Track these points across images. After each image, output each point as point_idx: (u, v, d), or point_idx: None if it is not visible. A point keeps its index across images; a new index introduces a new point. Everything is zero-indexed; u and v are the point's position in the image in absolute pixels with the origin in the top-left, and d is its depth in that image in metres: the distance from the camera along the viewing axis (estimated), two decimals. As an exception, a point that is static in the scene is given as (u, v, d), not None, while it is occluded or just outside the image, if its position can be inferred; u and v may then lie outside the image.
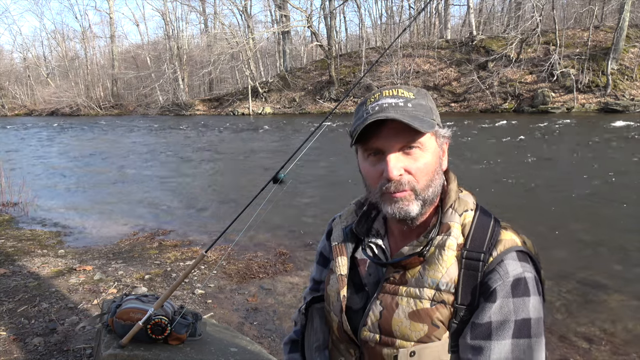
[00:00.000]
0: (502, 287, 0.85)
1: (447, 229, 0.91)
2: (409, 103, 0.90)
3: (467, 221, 0.93)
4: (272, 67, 39.05)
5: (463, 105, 24.12)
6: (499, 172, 8.91)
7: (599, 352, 2.94)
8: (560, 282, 3.94)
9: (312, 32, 32.03)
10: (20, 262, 4.33)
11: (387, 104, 0.89)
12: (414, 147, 0.89)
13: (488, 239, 0.90)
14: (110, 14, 45.99)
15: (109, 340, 1.90)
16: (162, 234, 5.66)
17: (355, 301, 0.99)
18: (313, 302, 1.12)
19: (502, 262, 0.87)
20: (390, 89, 0.93)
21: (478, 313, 0.86)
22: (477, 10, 31.61)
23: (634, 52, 21.88)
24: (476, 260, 0.88)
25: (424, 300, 0.89)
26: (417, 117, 0.88)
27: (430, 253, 0.91)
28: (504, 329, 0.84)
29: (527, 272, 0.87)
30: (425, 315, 0.89)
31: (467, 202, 0.96)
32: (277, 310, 3.52)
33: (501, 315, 0.85)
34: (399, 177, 0.89)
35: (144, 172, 10.72)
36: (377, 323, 0.93)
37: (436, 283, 0.89)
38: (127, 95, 43.01)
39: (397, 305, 0.91)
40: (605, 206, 6.35)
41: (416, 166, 0.90)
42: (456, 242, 0.90)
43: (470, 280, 0.88)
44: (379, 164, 0.91)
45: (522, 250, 0.89)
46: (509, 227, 0.94)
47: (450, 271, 0.88)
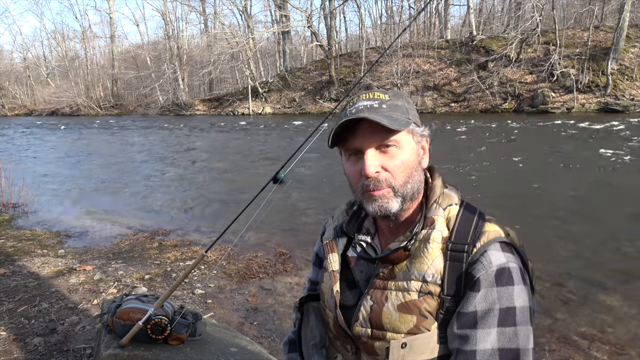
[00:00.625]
0: (485, 277, 0.87)
1: (432, 222, 0.94)
2: (383, 104, 0.94)
3: (451, 215, 0.95)
4: (272, 67, 39.04)
5: (463, 105, 24.12)
6: (499, 172, 8.91)
7: (599, 352, 2.94)
8: (561, 282, 3.94)
9: (312, 32, 32.02)
10: (20, 262, 4.33)
11: (363, 106, 0.93)
12: (390, 145, 0.92)
13: (472, 231, 0.92)
14: (110, 14, 45.98)
15: (109, 340, 1.90)
16: (162, 234, 5.66)
17: (348, 298, 1.02)
18: (308, 300, 1.14)
19: (486, 253, 0.89)
20: (367, 92, 0.97)
21: (463, 303, 0.88)
22: (477, 10, 31.61)
23: (634, 52, 21.88)
24: (460, 251, 0.90)
25: (411, 292, 0.91)
26: (390, 117, 0.91)
27: (415, 247, 0.93)
28: (488, 317, 0.86)
29: (511, 262, 0.88)
30: (413, 307, 0.91)
31: (451, 197, 0.99)
32: (277, 310, 3.52)
33: (486, 304, 0.86)
34: (376, 174, 0.92)
35: (144, 172, 10.72)
36: (368, 317, 0.95)
37: (422, 275, 0.91)
38: (127, 95, 42.99)
39: (386, 299, 0.94)
40: (605, 206, 6.35)
41: (393, 163, 0.93)
42: (441, 235, 0.92)
43: (455, 272, 0.90)
44: (359, 163, 0.94)
45: (505, 241, 0.91)
46: (493, 219, 0.96)
47: (436, 263, 0.91)
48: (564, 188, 7.37)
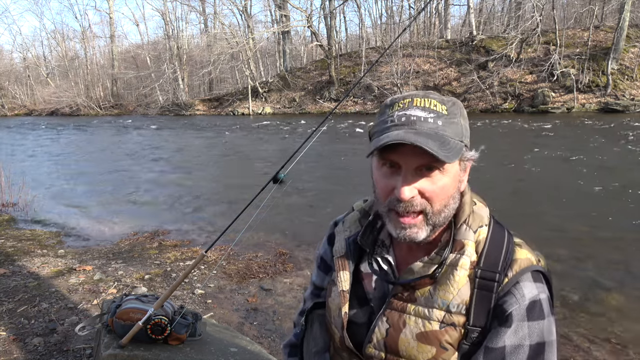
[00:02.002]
0: (518, 311, 0.83)
1: (461, 247, 0.87)
2: (439, 120, 0.83)
3: (481, 238, 0.88)
4: (272, 67, 39.05)
5: (463, 105, 24.10)
6: (499, 172, 8.90)
7: (599, 352, 2.94)
8: (561, 282, 3.94)
9: (312, 32, 32.03)
10: (20, 262, 4.33)
11: (415, 117, 0.82)
12: (434, 168, 0.82)
13: (503, 258, 0.86)
14: (110, 13, 45.97)
15: (109, 340, 1.90)
16: (162, 234, 5.66)
17: (358, 315, 0.96)
18: (314, 309, 1.09)
19: (518, 284, 0.84)
20: (422, 97, 0.85)
21: (492, 337, 0.84)
22: (477, 10, 31.61)
23: (634, 52, 21.88)
24: (490, 280, 0.85)
25: (432, 321, 0.86)
26: (445, 140, 0.81)
27: (441, 272, 0.87)
28: (518, 353, 0.82)
29: (542, 293, 0.85)
30: (433, 338, 0.86)
31: (481, 217, 0.91)
32: (277, 310, 3.52)
33: (516, 340, 0.83)
34: (411, 198, 0.82)
35: (144, 171, 10.72)
36: (382, 341, 0.90)
37: (447, 304, 0.85)
38: (127, 95, 42.98)
39: (404, 325, 0.88)
40: (605, 206, 6.35)
41: (432, 189, 0.83)
42: (469, 261, 0.86)
43: (483, 302, 0.85)
44: (393, 178, 0.84)
45: (537, 270, 0.87)
46: (523, 243, 0.91)
47: (462, 292, 0.85)
48: (564, 187, 7.37)
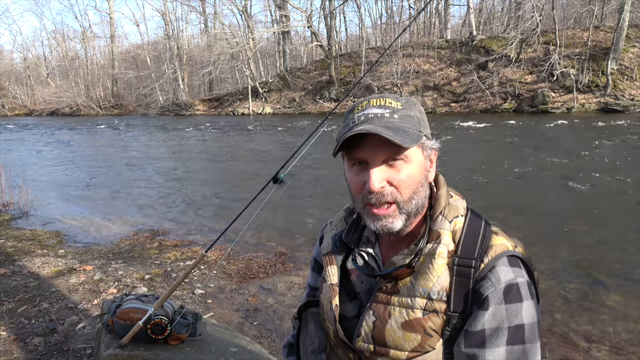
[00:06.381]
0: (494, 294, 0.85)
1: (437, 236, 0.91)
2: (395, 114, 0.89)
3: (457, 227, 0.92)
4: (272, 67, 39.05)
5: (463, 105, 24.11)
6: (499, 171, 8.90)
7: (599, 352, 2.94)
8: (561, 282, 3.94)
9: (312, 32, 32.00)
10: (21, 262, 4.33)
11: (373, 115, 0.89)
12: (398, 159, 0.88)
13: (479, 245, 0.89)
14: (110, 14, 45.97)
15: (109, 340, 1.90)
16: (162, 234, 5.66)
17: (348, 309, 1.00)
18: (308, 306, 1.12)
19: (494, 269, 0.86)
20: (378, 97, 0.92)
21: (471, 321, 0.86)
22: (477, 10, 31.60)
23: (633, 52, 21.87)
24: (467, 267, 0.87)
25: (416, 309, 0.89)
26: (402, 130, 0.87)
27: (420, 262, 0.90)
28: (497, 336, 0.84)
29: (520, 277, 0.87)
30: (417, 325, 0.89)
31: (457, 208, 0.95)
32: (277, 310, 3.52)
33: (494, 323, 0.84)
34: (381, 189, 0.88)
35: (144, 172, 10.72)
36: (370, 334, 0.93)
37: (427, 292, 0.88)
38: (127, 95, 43.00)
39: (389, 316, 0.91)
40: (605, 205, 6.35)
41: (399, 178, 0.88)
42: (447, 250, 0.89)
43: (462, 288, 0.87)
44: (362, 174, 0.90)
45: (513, 255, 0.89)
46: (499, 231, 0.93)
47: (442, 279, 0.88)
48: (564, 187, 7.37)
